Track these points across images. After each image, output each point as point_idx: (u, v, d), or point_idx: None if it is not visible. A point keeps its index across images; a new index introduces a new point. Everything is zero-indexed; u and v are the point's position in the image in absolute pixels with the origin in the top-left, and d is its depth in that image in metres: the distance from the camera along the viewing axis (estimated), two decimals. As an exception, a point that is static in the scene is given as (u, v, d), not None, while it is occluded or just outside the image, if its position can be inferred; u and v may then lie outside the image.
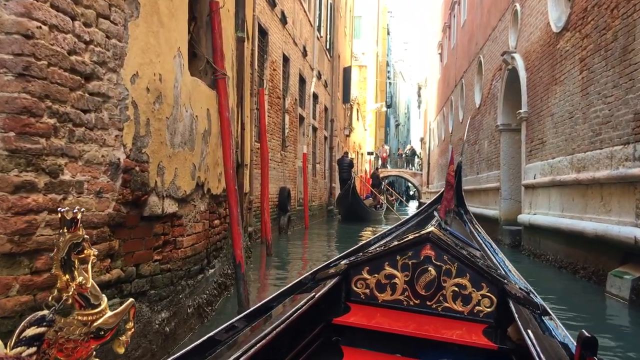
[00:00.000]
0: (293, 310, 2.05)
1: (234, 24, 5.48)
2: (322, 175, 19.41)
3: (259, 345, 1.70)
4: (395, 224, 4.48)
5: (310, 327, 2.30)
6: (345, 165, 18.48)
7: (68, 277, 1.03)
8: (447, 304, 2.39)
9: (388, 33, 51.43)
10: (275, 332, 1.84)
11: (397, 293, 2.45)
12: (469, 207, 5.28)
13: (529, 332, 1.89)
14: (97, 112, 2.43)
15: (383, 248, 2.60)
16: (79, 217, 1.04)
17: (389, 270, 2.47)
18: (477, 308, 2.36)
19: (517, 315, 2.13)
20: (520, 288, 2.51)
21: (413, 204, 36.52)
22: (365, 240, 3.61)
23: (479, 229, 4.51)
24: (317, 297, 2.28)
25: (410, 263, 2.44)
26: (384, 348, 2.35)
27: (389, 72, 53.76)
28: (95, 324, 1.05)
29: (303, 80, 15.38)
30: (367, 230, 14.71)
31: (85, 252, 1.06)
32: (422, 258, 2.44)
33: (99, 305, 1.08)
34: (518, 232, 10.49)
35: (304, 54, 15.27)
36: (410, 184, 46.52)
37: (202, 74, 4.44)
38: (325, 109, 20.34)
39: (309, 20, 16.20)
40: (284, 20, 12.57)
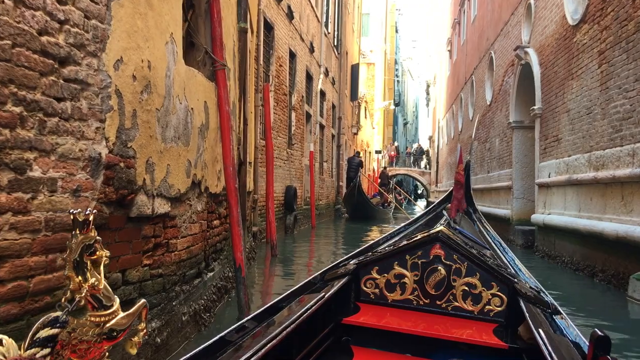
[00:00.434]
0: (303, 311, 2.04)
1: (236, 14, 5.21)
2: (329, 174, 19.13)
3: (269, 346, 1.70)
4: (404, 223, 4.41)
5: (320, 327, 2.30)
6: (354, 165, 18.45)
7: (81, 278, 1.03)
8: (457, 304, 2.38)
9: (396, 31, 51.06)
10: (286, 332, 1.83)
11: (406, 293, 2.45)
12: (479, 206, 5.31)
13: (540, 331, 1.87)
14: (73, 100, 2.17)
15: (392, 248, 2.58)
16: (91, 218, 1.04)
17: (399, 270, 2.47)
18: (487, 307, 2.35)
19: (527, 315, 2.11)
20: (531, 287, 2.47)
21: (421, 203, 36.16)
22: (374, 240, 3.53)
23: (488, 228, 4.46)
24: (326, 297, 2.26)
25: (420, 262, 2.44)
26: (394, 348, 2.34)
27: (397, 70, 53.39)
28: (108, 325, 1.06)
29: (310, 77, 15.09)
30: (374, 230, 14.43)
31: (98, 253, 1.07)
32: (431, 257, 2.43)
33: (112, 306, 1.08)
34: (531, 232, 10.16)
35: (311, 50, 14.99)
36: (419, 183, 46.18)
37: (200, 65, 4.17)
38: (333, 107, 20.05)
39: (316, 16, 15.90)
40: (291, 15, 12.29)
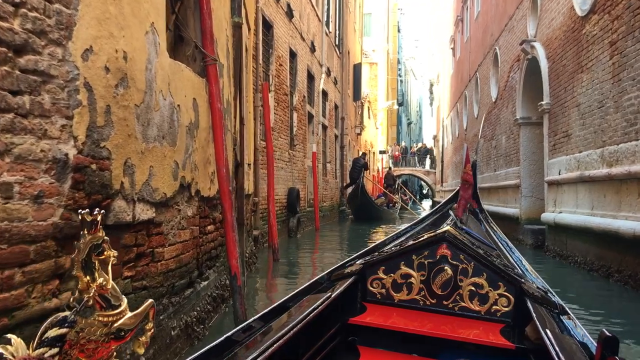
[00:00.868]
0: (309, 311, 2.03)
1: (230, 8, 4.95)
2: (333, 175, 18.85)
3: (276, 346, 1.69)
4: (411, 223, 4.39)
5: (327, 327, 2.29)
6: (358, 166, 18.26)
7: (89, 278, 1.04)
8: (463, 304, 2.37)
9: (399, 30, 50.77)
10: (292, 332, 1.83)
11: (413, 293, 2.44)
12: (486, 205, 5.28)
13: (548, 331, 1.85)
14: (33, 94, 1.91)
15: (398, 247, 2.57)
16: (99, 218, 1.05)
17: (405, 270, 2.45)
18: (494, 307, 2.34)
19: (535, 315, 2.09)
20: (538, 287, 2.45)
21: (426, 204, 35.83)
22: (381, 240, 3.49)
23: (495, 228, 4.44)
24: (333, 297, 2.26)
25: (426, 262, 2.43)
26: (401, 348, 2.33)
27: (400, 69, 53.09)
28: (116, 325, 1.06)
29: (311, 77, 14.83)
30: (379, 231, 14.15)
31: (106, 253, 1.07)
32: (438, 257, 2.42)
33: (120, 306, 1.08)
34: (541, 231, 9.85)
35: (312, 50, 14.73)
36: (424, 183, 45.84)
37: (190, 60, 3.91)
38: (336, 107, 19.78)
39: (317, 15, 15.65)
40: (290, 14, 12.04)
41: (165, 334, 3.01)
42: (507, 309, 2.33)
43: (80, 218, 1.04)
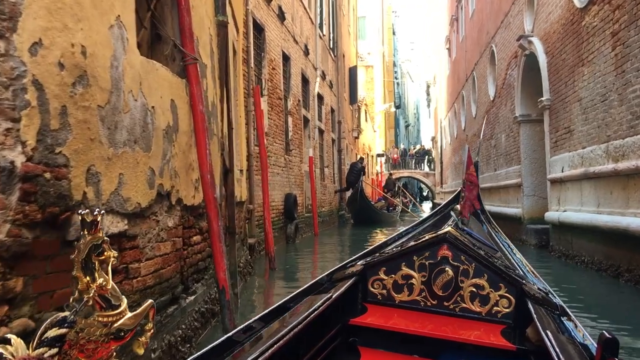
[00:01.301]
0: (310, 311, 2.03)
1: (213, 6, 4.71)
2: (331, 180, 18.59)
3: (276, 346, 1.69)
4: (412, 224, 4.37)
5: (327, 327, 2.28)
6: (356, 170, 18.14)
7: (89, 278, 1.03)
8: (464, 305, 2.36)
9: (394, 33, 50.58)
10: (292, 332, 1.82)
11: (414, 294, 2.43)
12: (487, 206, 5.12)
13: (548, 332, 1.86)
14: (-33, 93, 1.66)
15: (400, 248, 2.55)
16: (99, 219, 1.04)
17: (406, 271, 2.45)
18: (495, 309, 2.33)
19: (535, 316, 2.09)
20: (539, 288, 2.43)
21: (427, 206, 35.52)
22: (382, 241, 3.49)
23: (497, 229, 4.44)
24: (333, 297, 2.25)
25: (427, 263, 2.42)
26: (401, 349, 2.32)
27: (396, 72, 52.90)
28: (116, 325, 1.05)
29: (306, 80, 14.59)
30: (379, 235, 13.88)
31: (106, 253, 1.07)
32: (439, 258, 2.40)
33: (119, 307, 1.07)
34: (545, 231, 9.59)
35: (306, 53, 14.49)
36: (423, 185, 45.56)
37: (169, 60, 3.66)
38: (332, 111, 19.53)
39: (310, 18, 15.42)
40: (282, 17, 11.81)
41: (145, 358, 2.75)
42: (507, 310, 2.32)
43: (80, 218, 1.03)
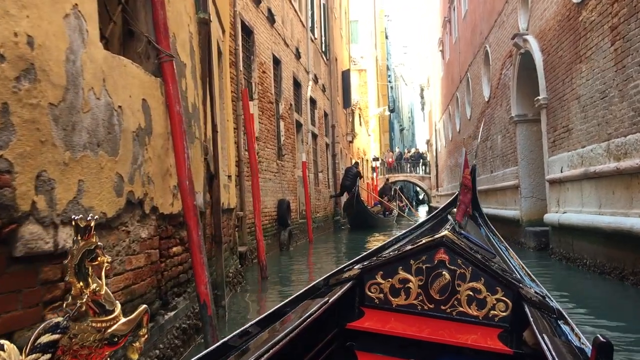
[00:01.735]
0: (307, 316, 2.02)
1: (194, 3, 4.46)
2: (325, 185, 18.33)
3: (273, 351, 1.68)
4: (409, 228, 4.34)
5: (324, 332, 2.28)
6: (351, 175, 18.00)
7: (82, 284, 1.03)
8: (461, 308, 2.36)
9: (386, 37, 50.50)
10: (289, 337, 1.82)
11: (411, 297, 2.43)
12: (484, 208, 5.00)
13: (545, 336, 1.86)
14: None
15: (397, 252, 2.55)
16: (93, 224, 1.03)
17: (403, 275, 2.44)
18: (492, 312, 2.33)
19: (532, 320, 2.09)
20: (536, 292, 2.43)
21: (423, 209, 35.28)
22: (379, 245, 3.47)
23: (494, 232, 4.40)
24: (330, 302, 2.25)
25: (424, 267, 2.42)
26: (399, 353, 2.32)
27: (390, 76, 52.81)
28: (109, 331, 1.04)
29: (298, 84, 14.35)
30: (375, 240, 13.62)
31: (99, 259, 1.05)
32: (436, 262, 2.40)
33: (113, 312, 1.06)
34: (544, 233, 9.35)
35: (297, 56, 14.26)
36: (419, 189, 45.34)
37: (142, 58, 3.40)
38: (325, 115, 19.29)
39: (301, 21, 15.20)
40: (272, 19, 11.58)
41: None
42: (504, 314, 2.31)
43: (74, 224, 1.01)
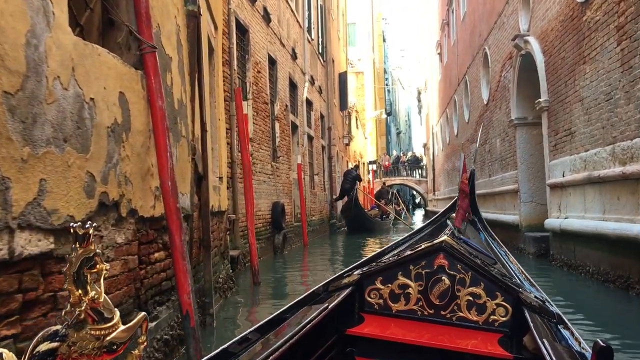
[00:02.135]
0: (306, 322, 2.02)
1: (182, -6, 4.22)
2: (321, 187, 18.08)
3: (272, 358, 1.68)
4: (409, 233, 4.32)
5: (324, 338, 2.29)
6: (350, 178, 17.98)
7: (81, 291, 1.02)
8: (461, 314, 2.36)
9: (384, 40, 50.37)
10: (289, 343, 1.82)
11: (411, 303, 2.42)
12: (482, 213, 4.93)
13: (545, 341, 1.86)
14: None
15: (396, 258, 2.56)
16: (91, 232, 1.02)
17: (403, 280, 2.44)
18: (492, 317, 2.32)
19: (532, 325, 2.09)
20: (536, 296, 2.44)
21: (419, 213, 35.06)
22: (378, 250, 3.44)
23: (494, 237, 4.40)
24: (330, 307, 2.25)
25: (424, 272, 2.41)
26: (399, 359, 2.32)
27: (387, 79, 52.65)
28: (108, 338, 1.05)
29: (294, 85, 14.12)
30: (372, 244, 13.40)
31: (98, 266, 1.05)
32: (435, 267, 2.40)
33: (112, 319, 1.06)
34: (544, 239, 9.12)
35: (294, 57, 14.02)
36: (415, 192, 45.15)
37: (123, 49, 3.16)
38: (322, 117, 19.07)
39: (297, 21, 14.98)
40: (268, 18, 11.35)
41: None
42: (504, 319, 2.31)
43: (72, 231, 1.01)
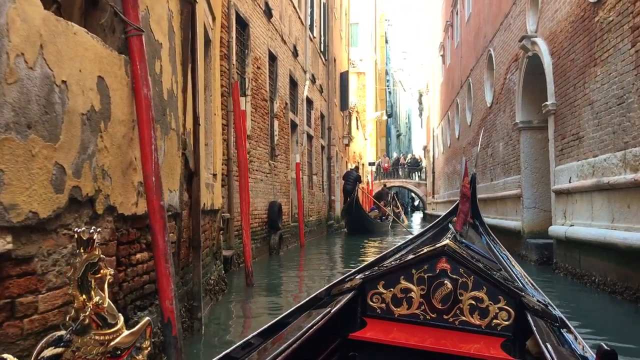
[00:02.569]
0: (309, 326, 2.03)
1: (176, -22, 3.97)
2: (319, 188, 17.82)
3: None
4: (411, 237, 4.31)
5: (327, 342, 2.27)
6: (352, 179, 18.04)
7: (85, 297, 1.02)
8: (464, 318, 2.34)
9: (386, 41, 50.15)
10: (292, 348, 1.82)
11: (413, 307, 2.42)
12: (483, 218, 4.83)
13: (548, 345, 1.85)
14: None
15: (398, 262, 2.56)
16: (95, 237, 1.03)
17: (405, 284, 2.43)
18: (494, 321, 2.31)
19: (535, 328, 2.08)
20: (538, 300, 2.41)
21: (417, 216, 34.82)
22: (381, 254, 3.44)
23: (496, 241, 4.35)
24: (332, 312, 2.25)
25: (426, 277, 2.41)
26: None
27: (388, 81, 52.44)
28: (112, 344, 1.04)
29: (294, 83, 13.86)
30: (371, 245, 13.15)
31: (102, 272, 1.05)
32: (437, 271, 2.40)
33: (116, 325, 1.06)
34: (547, 246, 8.87)
35: (295, 54, 13.77)
36: (414, 195, 44.91)
37: (107, 32, 2.91)
38: (322, 116, 18.82)
39: (300, 18, 14.72)
40: (269, 13, 11.09)
41: None
42: (507, 323, 2.30)
43: (76, 236, 1.01)
